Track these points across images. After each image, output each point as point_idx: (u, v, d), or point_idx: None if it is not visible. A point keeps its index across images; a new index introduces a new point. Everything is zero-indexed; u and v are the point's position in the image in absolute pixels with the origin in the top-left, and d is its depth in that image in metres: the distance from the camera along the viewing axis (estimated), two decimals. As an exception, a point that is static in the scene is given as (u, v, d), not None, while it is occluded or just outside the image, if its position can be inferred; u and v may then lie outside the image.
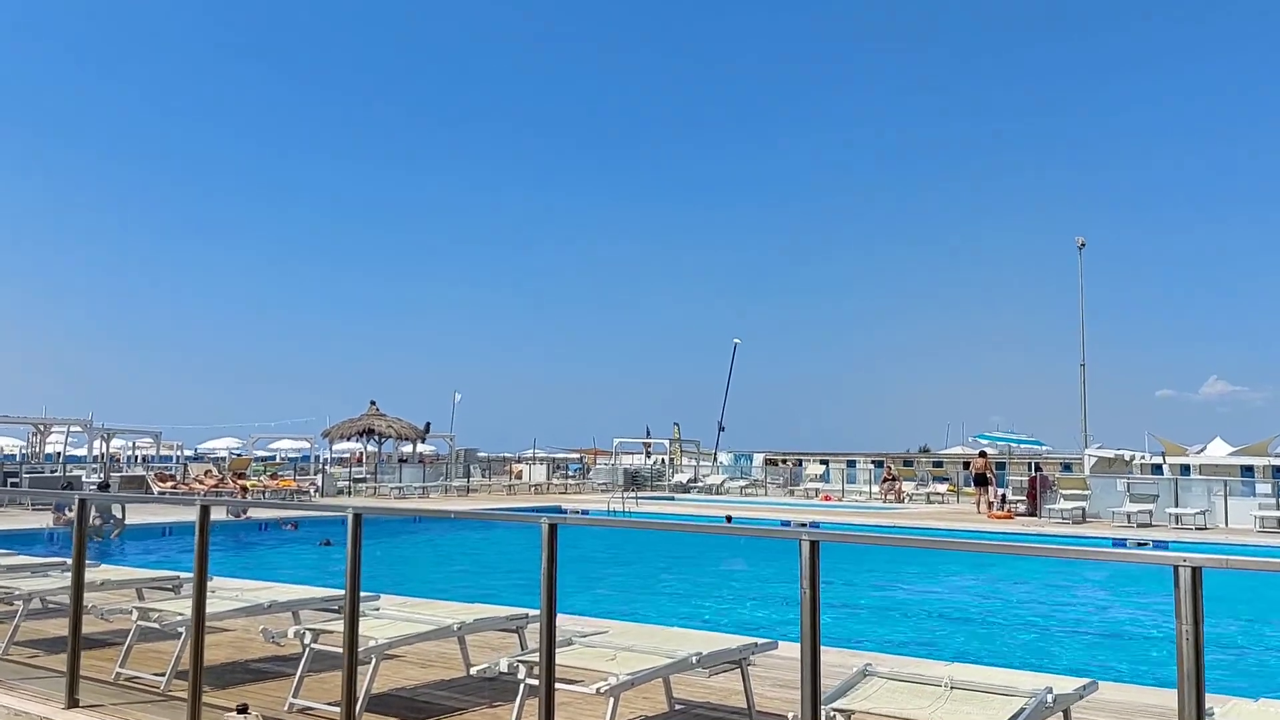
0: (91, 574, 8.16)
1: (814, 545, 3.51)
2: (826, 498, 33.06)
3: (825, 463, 40.08)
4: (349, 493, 33.28)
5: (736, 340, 49.72)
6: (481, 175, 77.20)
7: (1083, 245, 33.80)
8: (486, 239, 78.83)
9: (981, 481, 26.95)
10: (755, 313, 77.91)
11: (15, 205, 68.98)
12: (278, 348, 76.59)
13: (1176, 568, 3.00)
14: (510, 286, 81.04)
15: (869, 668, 4.65)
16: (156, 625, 6.32)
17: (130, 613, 6.53)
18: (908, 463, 42.60)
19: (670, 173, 77.90)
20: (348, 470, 37.47)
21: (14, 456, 38.64)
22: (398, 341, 78.23)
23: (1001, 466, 31.28)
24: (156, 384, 71.22)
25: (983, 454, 28.77)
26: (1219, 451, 30.97)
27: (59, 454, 34.29)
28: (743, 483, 37.92)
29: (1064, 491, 25.21)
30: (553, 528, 4.15)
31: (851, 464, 40.20)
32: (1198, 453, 35.63)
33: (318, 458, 41.73)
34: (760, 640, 5.65)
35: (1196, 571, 2.98)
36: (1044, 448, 36.20)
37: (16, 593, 7.18)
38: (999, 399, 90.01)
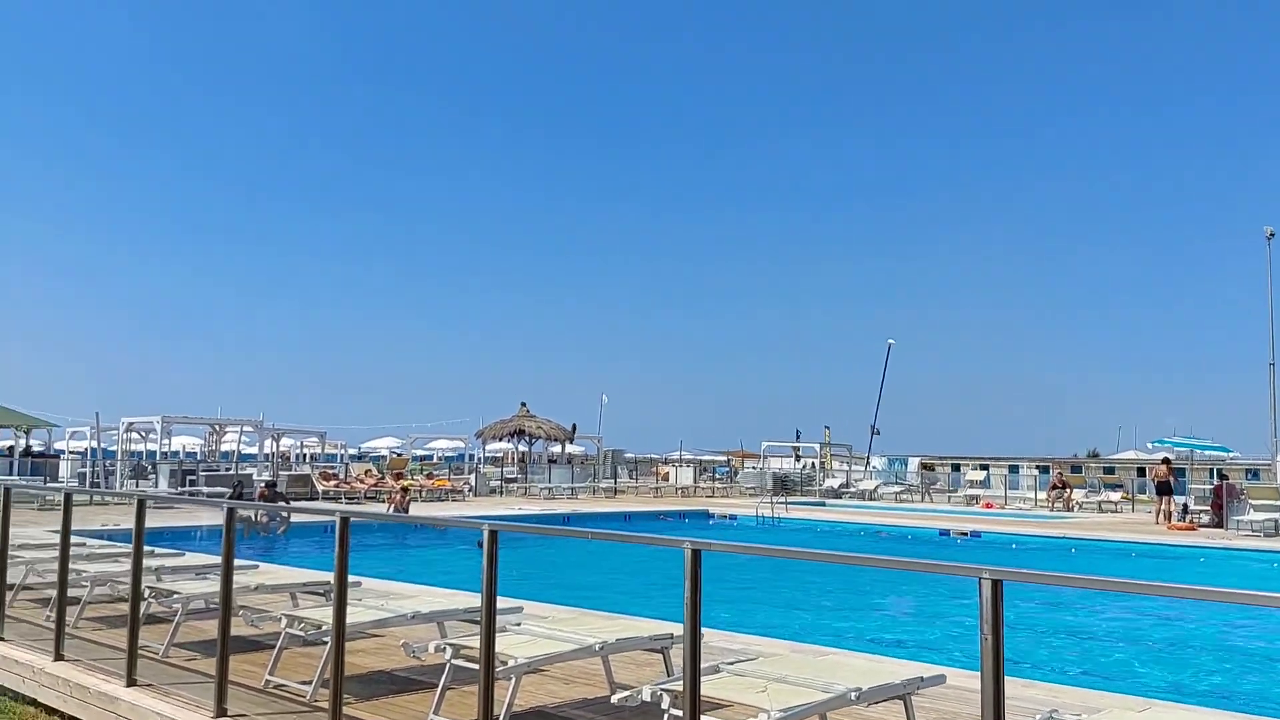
0: (249, 576, 8.34)
1: (996, 585, 3.01)
2: (988, 505, 31.52)
3: (985, 467, 38.33)
4: (500, 492, 33.90)
5: (890, 341, 48.14)
6: (623, 189, 77.92)
7: (1271, 236, 31.10)
8: (631, 248, 79.53)
9: (1165, 490, 25.09)
10: (911, 313, 75.58)
11: (212, 221, 73.87)
12: (439, 351, 79.54)
13: None
14: (659, 290, 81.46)
15: (1054, 715, 4.11)
16: (301, 634, 6.32)
17: (279, 619, 6.56)
18: (1075, 468, 40.29)
19: (821, 176, 76.50)
20: (500, 470, 38.25)
21: (194, 455, 41.20)
22: (548, 345, 79.88)
23: (1180, 474, 29.02)
24: (325, 385, 74.99)
25: (1166, 460, 26.79)
26: None
27: (233, 452, 36.29)
28: (897, 488, 36.66)
29: (1254, 501, 23.16)
30: (696, 553, 3.79)
31: (1014, 469, 38.31)
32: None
33: (471, 457, 42.81)
34: (926, 673, 5.16)
35: None
36: (1230, 454, 33.49)
37: (176, 596, 7.33)
38: (1175, 401, 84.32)
